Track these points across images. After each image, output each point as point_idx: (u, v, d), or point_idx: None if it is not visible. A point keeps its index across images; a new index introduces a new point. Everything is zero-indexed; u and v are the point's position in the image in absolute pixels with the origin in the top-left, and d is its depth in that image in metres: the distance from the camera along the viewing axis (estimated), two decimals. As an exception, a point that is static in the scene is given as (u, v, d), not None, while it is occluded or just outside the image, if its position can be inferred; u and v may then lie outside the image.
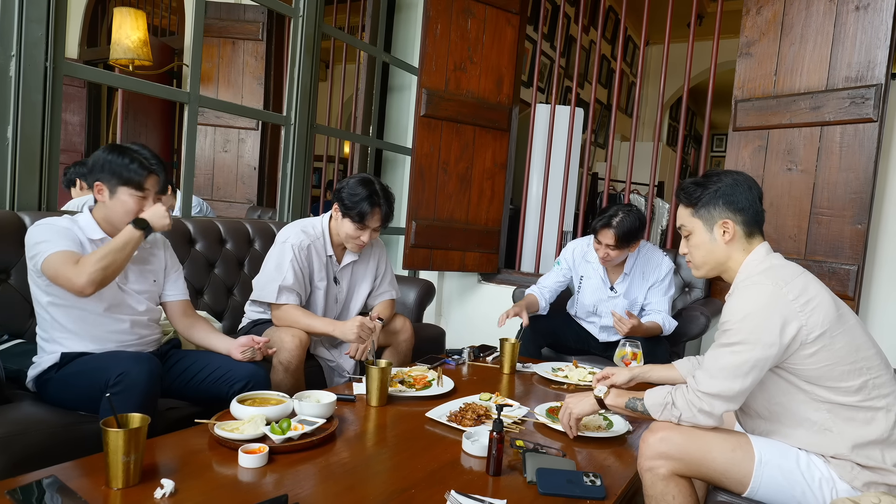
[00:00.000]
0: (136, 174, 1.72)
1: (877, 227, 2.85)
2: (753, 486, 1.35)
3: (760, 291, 1.35)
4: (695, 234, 1.51)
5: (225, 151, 4.57)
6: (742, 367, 1.33)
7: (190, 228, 2.58)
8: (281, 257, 2.21)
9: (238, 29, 4.51)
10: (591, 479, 1.36)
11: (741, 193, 1.46)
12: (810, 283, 1.37)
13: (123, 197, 1.72)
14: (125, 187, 1.72)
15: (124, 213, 1.73)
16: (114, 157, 1.72)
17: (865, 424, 1.33)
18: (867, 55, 2.64)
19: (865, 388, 1.33)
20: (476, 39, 3.62)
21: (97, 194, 1.74)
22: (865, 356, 1.34)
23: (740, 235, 1.46)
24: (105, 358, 1.65)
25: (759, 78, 2.99)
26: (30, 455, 1.46)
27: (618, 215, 2.50)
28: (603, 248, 2.56)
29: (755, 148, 3.01)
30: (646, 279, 2.67)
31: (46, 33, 2.06)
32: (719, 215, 1.46)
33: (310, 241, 2.26)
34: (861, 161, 2.65)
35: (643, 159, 5.70)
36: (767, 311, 1.32)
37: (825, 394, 1.34)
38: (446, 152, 3.62)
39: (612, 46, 7.32)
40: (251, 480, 1.30)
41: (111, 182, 1.72)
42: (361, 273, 2.46)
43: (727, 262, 1.49)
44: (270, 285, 2.19)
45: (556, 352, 2.84)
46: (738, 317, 1.34)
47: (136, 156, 1.74)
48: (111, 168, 1.71)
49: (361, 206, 2.17)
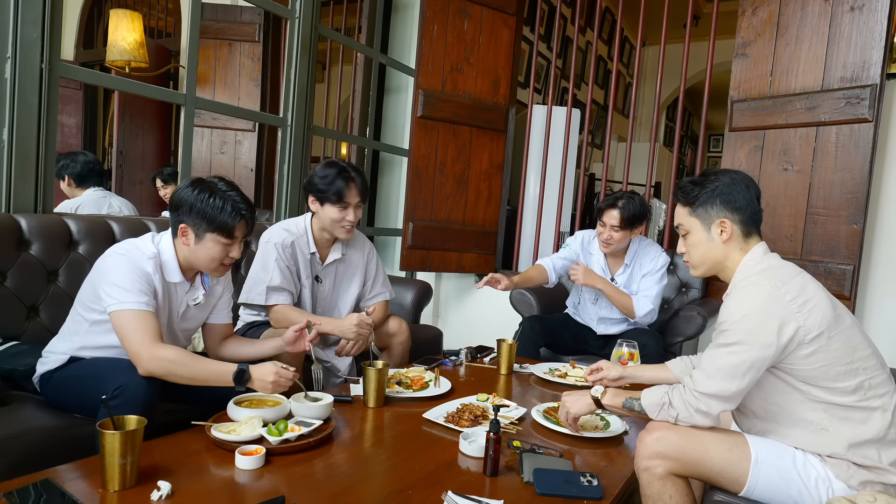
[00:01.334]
0: (229, 220, 1.61)
1: (872, 226, 2.86)
2: (750, 485, 1.35)
3: (758, 292, 1.35)
4: (692, 233, 1.51)
5: (222, 153, 4.57)
6: (739, 368, 1.33)
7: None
8: (266, 257, 2.19)
9: (234, 30, 4.51)
10: (587, 480, 1.36)
11: (738, 192, 1.46)
12: (808, 283, 1.37)
13: (210, 244, 1.63)
14: (214, 234, 1.62)
15: (209, 260, 1.66)
16: (203, 197, 1.60)
17: (861, 424, 1.33)
18: (862, 55, 2.65)
19: (861, 388, 1.33)
20: (472, 41, 3.62)
21: (181, 237, 1.64)
22: (862, 356, 1.35)
23: (737, 235, 1.47)
24: (105, 367, 1.59)
25: (755, 78, 3.00)
26: (26, 458, 1.45)
27: (623, 198, 2.58)
28: (607, 230, 2.59)
29: (751, 148, 3.01)
30: (644, 270, 2.72)
31: (42, 35, 2.05)
32: (717, 214, 1.47)
33: (293, 239, 2.23)
34: (857, 161, 2.66)
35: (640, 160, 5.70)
36: (765, 311, 1.32)
37: (821, 394, 1.34)
38: (443, 153, 3.62)
39: (609, 47, 7.33)
40: (248, 482, 1.30)
41: (199, 226, 1.61)
42: (348, 273, 2.41)
43: (724, 262, 1.49)
44: (258, 287, 2.17)
45: (554, 352, 2.85)
46: (735, 317, 1.35)
47: (228, 197, 1.63)
48: (201, 211, 1.60)
49: (336, 183, 2.15)
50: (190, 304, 1.76)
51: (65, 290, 1.99)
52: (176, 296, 1.73)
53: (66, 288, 1.99)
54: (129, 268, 1.57)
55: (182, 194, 1.63)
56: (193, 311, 1.79)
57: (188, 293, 1.75)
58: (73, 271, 2.02)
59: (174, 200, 1.65)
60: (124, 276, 1.55)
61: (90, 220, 2.15)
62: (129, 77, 4.21)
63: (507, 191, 3.94)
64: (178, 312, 1.75)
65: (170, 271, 1.67)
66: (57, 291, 1.99)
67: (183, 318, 1.77)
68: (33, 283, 1.94)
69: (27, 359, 1.78)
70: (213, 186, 1.64)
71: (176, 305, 1.74)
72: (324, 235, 2.29)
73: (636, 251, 2.73)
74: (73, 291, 1.97)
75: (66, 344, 1.68)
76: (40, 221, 1.99)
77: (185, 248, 1.67)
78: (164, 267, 1.67)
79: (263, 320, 2.30)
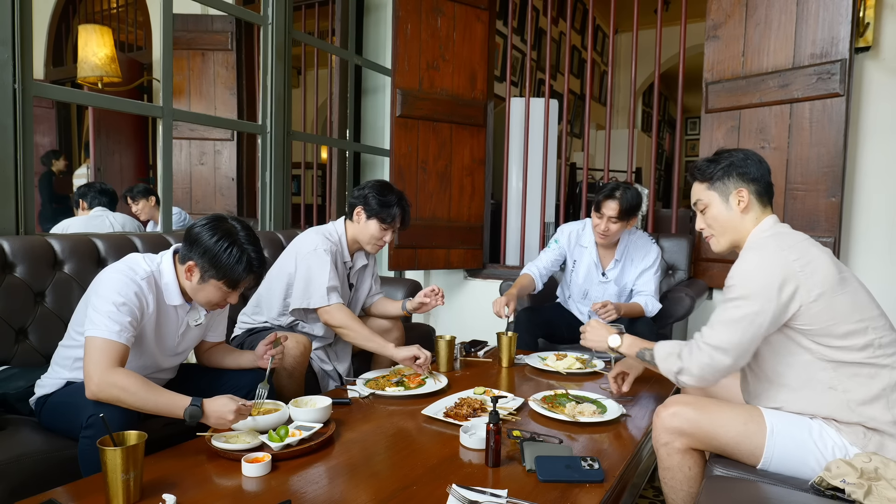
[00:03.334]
0: (238, 276, 1.58)
1: (850, 198, 2.91)
2: (766, 457, 1.38)
3: (763, 252, 1.42)
4: (711, 206, 1.57)
5: (201, 164, 4.54)
6: (742, 321, 1.39)
7: (171, 243, 2.55)
8: (319, 262, 2.19)
9: (207, 40, 4.48)
10: (588, 464, 1.38)
11: (752, 165, 1.54)
12: (812, 247, 1.43)
13: (212, 289, 1.61)
14: (220, 282, 1.59)
15: (205, 301, 1.65)
16: (222, 246, 1.56)
17: (869, 379, 1.37)
18: (830, 31, 2.70)
19: (871, 346, 1.37)
20: (447, 37, 3.63)
21: (186, 272, 1.61)
22: (870, 316, 1.39)
23: (755, 204, 1.53)
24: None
25: (728, 59, 3.04)
26: (25, 481, 1.44)
27: (619, 188, 2.57)
28: (605, 221, 2.58)
29: (728, 129, 3.06)
30: (635, 265, 2.71)
31: (13, 55, 2.03)
32: (734, 185, 1.53)
33: (335, 248, 2.28)
34: (831, 135, 2.71)
35: (619, 147, 5.75)
36: (768, 268, 1.38)
37: (831, 353, 1.38)
38: (424, 151, 3.63)
39: (582, 36, 7.37)
40: (254, 489, 1.30)
41: (207, 271, 1.58)
42: (366, 276, 2.51)
43: (744, 232, 1.54)
44: (318, 290, 2.16)
45: (551, 342, 2.86)
46: (740, 274, 1.42)
47: (245, 251, 1.58)
48: (214, 258, 1.56)
49: (393, 209, 2.25)
50: (192, 324, 1.75)
51: (53, 310, 1.97)
52: (176, 316, 1.71)
53: (55, 309, 1.97)
54: (117, 292, 1.53)
55: (201, 235, 1.58)
56: (193, 331, 1.78)
57: (189, 314, 1.73)
58: (61, 291, 2.00)
59: (191, 236, 1.60)
60: (108, 302, 1.51)
61: (74, 238, 2.13)
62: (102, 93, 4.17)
63: (490, 185, 3.95)
64: (179, 332, 1.73)
65: (170, 294, 1.65)
66: (45, 313, 1.96)
67: (183, 338, 1.75)
68: (20, 305, 1.92)
69: (18, 381, 1.76)
70: (234, 236, 1.58)
71: (175, 325, 1.72)
72: (355, 245, 2.37)
73: (626, 245, 2.72)
74: (61, 312, 1.97)
75: (65, 368, 1.66)
76: (23, 243, 1.97)
77: (186, 282, 1.64)
78: (165, 289, 1.64)
79: (263, 326, 2.29)
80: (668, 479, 1.49)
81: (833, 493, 1.27)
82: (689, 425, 1.42)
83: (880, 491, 1.22)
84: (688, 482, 1.47)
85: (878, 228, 2.89)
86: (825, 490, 1.28)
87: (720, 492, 1.30)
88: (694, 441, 1.43)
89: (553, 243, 2.85)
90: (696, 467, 1.46)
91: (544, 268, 2.81)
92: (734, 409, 1.44)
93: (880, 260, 2.88)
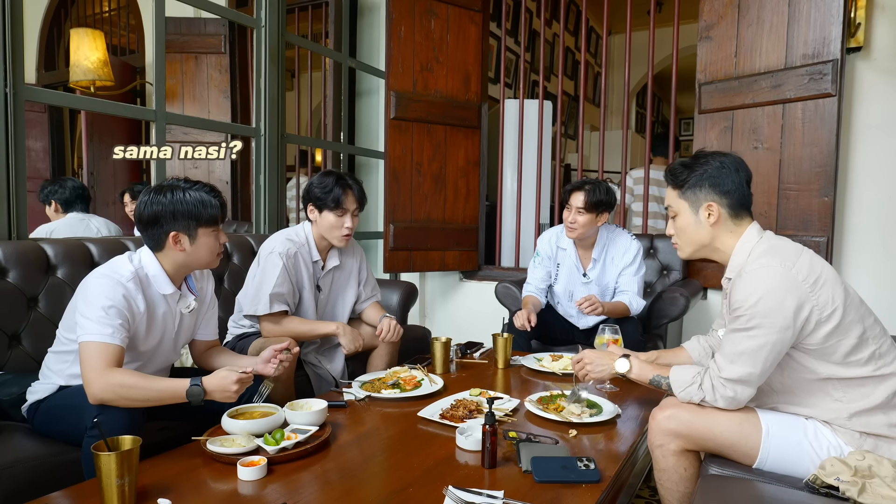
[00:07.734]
0: (214, 211, 1.63)
1: (843, 198, 2.93)
2: (762, 457, 1.38)
3: (770, 273, 1.36)
4: (680, 215, 1.54)
5: (195, 168, 4.52)
6: (760, 352, 1.35)
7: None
8: (269, 267, 2.18)
9: (200, 43, 4.46)
10: (584, 464, 1.38)
11: (727, 176, 1.48)
12: (814, 260, 1.40)
13: (204, 239, 1.64)
14: (205, 228, 1.63)
15: (209, 253, 1.67)
16: (180, 199, 1.59)
17: (874, 390, 1.36)
18: (822, 32, 2.71)
19: (874, 358, 1.36)
20: (441, 39, 3.63)
21: (174, 246, 1.62)
22: (869, 325, 1.38)
23: (725, 217, 1.49)
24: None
25: (720, 60, 3.06)
26: (18, 487, 1.44)
27: (589, 182, 2.59)
28: (573, 212, 2.59)
29: (721, 129, 3.07)
30: (615, 264, 2.71)
31: (4, 59, 2.02)
32: (705, 198, 1.49)
33: (296, 249, 2.24)
34: (823, 135, 2.72)
35: (613, 148, 5.76)
36: (780, 293, 1.33)
37: (838, 370, 1.37)
38: (419, 153, 3.63)
39: (576, 38, 7.38)
40: (250, 493, 1.30)
41: (190, 227, 1.61)
42: (343, 279, 2.45)
43: (713, 244, 1.52)
44: (261, 297, 2.16)
45: (544, 343, 2.87)
46: (751, 301, 1.35)
47: (201, 189, 1.63)
48: (185, 213, 1.59)
49: (334, 191, 2.20)
50: (184, 312, 1.75)
51: (46, 315, 1.96)
52: (169, 308, 1.71)
53: (48, 314, 1.96)
54: (104, 296, 1.53)
55: (154, 207, 1.60)
56: (187, 318, 1.78)
57: (179, 302, 1.74)
58: (54, 296, 1.99)
59: (147, 216, 1.62)
60: (96, 307, 1.52)
61: (67, 243, 2.12)
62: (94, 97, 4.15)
63: (484, 186, 3.96)
64: (175, 323, 1.74)
65: (161, 284, 1.66)
66: (38, 318, 1.95)
67: (180, 329, 1.76)
68: (13, 311, 1.91)
69: (12, 388, 1.75)
70: (179, 186, 1.63)
71: (171, 317, 1.73)
72: (324, 243, 2.32)
73: (605, 244, 2.71)
74: (54, 317, 1.95)
75: (56, 373, 1.66)
76: (16, 248, 1.96)
77: (179, 256, 1.65)
78: (153, 281, 1.65)
79: (253, 332, 2.28)
80: (663, 480, 1.50)
81: (827, 491, 1.28)
82: (685, 427, 1.42)
83: (874, 488, 1.23)
84: (683, 483, 1.47)
85: (870, 227, 2.90)
86: (820, 488, 1.29)
87: (715, 491, 1.31)
88: (689, 443, 1.43)
89: (535, 258, 2.85)
90: (692, 468, 1.46)
91: (540, 284, 2.82)
92: (729, 410, 1.44)
93: (872, 258, 2.90)
